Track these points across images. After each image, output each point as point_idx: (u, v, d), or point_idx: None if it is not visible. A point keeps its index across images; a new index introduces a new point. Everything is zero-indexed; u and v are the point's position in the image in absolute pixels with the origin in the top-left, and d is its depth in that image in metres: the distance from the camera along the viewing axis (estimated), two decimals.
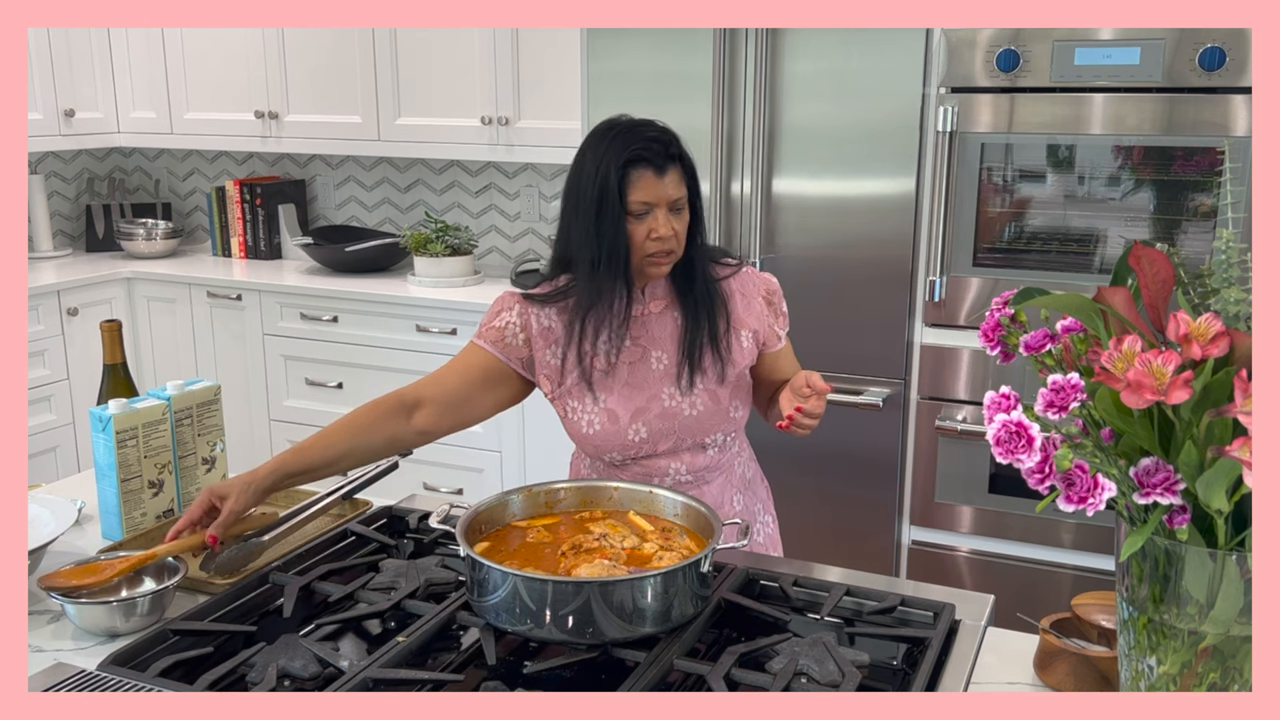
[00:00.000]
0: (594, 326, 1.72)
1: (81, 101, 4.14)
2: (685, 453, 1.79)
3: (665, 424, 1.75)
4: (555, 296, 1.77)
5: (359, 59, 3.80)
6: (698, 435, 1.77)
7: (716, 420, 1.77)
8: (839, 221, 2.78)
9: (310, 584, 1.48)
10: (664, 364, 1.77)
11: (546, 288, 1.79)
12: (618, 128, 1.70)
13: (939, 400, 2.78)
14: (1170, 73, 2.44)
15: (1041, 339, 1.10)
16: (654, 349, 1.77)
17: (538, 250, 4.03)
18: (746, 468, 1.91)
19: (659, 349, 1.77)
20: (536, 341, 1.77)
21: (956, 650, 1.34)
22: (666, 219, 1.68)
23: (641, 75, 2.92)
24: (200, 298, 3.97)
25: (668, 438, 1.76)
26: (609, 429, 1.75)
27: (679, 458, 1.79)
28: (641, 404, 1.75)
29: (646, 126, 1.70)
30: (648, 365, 1.77)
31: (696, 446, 1.79)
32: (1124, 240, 2.54)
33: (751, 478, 1.92)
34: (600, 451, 1.78)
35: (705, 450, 1.80)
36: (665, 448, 1.77)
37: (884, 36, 2.66)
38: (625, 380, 1.76)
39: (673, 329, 1.78)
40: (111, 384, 1.85)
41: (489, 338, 1.78)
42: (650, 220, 1.67)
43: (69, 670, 1.27)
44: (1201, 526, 0.99)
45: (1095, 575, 2.67)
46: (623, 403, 1.75)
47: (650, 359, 1.77)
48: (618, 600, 1.28)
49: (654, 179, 1.66)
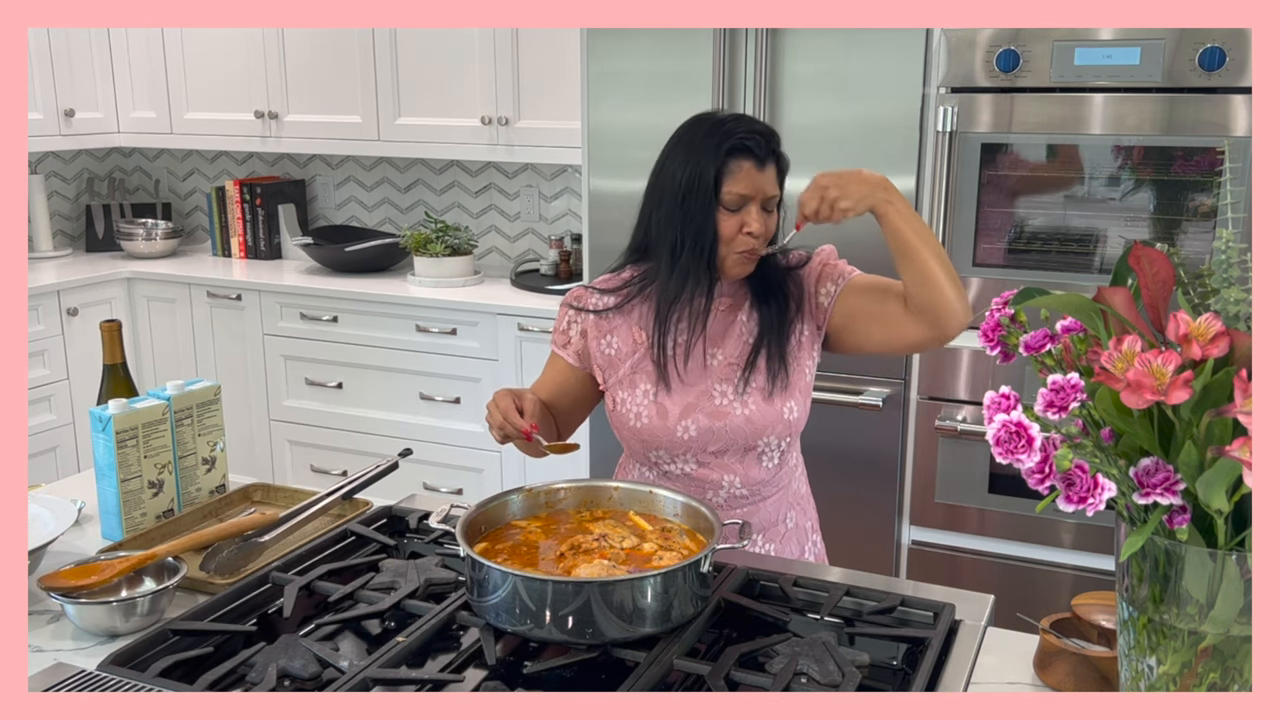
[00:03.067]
0: (671, 316, 1.70)
1: (81, 101, 4.14)
2: (738, 463, 1.74)
3: (715, 423, 1.71)
4: (618, 287, 1.77)
5: (359, 59, 3.80)
6: (749, 439, 1.72)
7: (769, 422, 1.71)
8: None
9: (310, 584, 1.48)
10: (718, 361, 1.74)
11: (609, 277, 1.80)
12: (719, 117, 1.68)
13: (939, 400, 2.78)
14: (1170, 73, 2.44)
15: (1041, 339, 1.10)
16: (712, 346, 1.74)
17: (538, 250, 4.03)
18: (801, 484, 1.86)
19: (716, 346, 1.74)
20: (590, 332, 1.78)
21: (956, 650, 1.34)
22: (760, 215, 1.66)
23: (641, 75, 2.91)
24: (200, 298, 3.97)
25: (717, 439, 1.72)
26: (657, 423, 1.72)
27: (732, 469, 1.74)
28: (692, 400, 1.72)
29: (751, 120, 1.69)
30: (703, 362, 1.74)
31: (749, 452, 1.73)
32: (1124, 240, 2.54)
33: (805, 495, 1.88)
34: (647, 447, 1.75)
35: (760, 460, 1.75)
36: (715, 449, 1.73)
37: (884, 36, 2.66)
38: (679, 376, 1.73)
39: (737, 329, 1.74)
40: (111, 384, 1.85)
41: (557, 342, 1.82)
42: (744, 214, 1.65)
43: (69, 670, 1.27)
44: (1201, 526, 0.99)
45: (1095, 575, 2.67)
46: (673, 397, 1.72)
47: (706, 356, 1.74)
48: (618, 600, 1.28)
49: (754, 171, 1.64)
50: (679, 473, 1.75)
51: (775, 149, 1.68)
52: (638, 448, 1.77)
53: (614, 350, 1.76)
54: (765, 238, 1.68)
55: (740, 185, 1.64)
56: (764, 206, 1.67)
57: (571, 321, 1.80)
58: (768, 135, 1.67)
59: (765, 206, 1.67)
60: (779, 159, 1.69)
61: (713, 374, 1.73)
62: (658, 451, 1.75)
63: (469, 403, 3.56)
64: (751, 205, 1.65)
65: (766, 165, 1.66)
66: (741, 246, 1.66)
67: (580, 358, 1.80)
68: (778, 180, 1.69)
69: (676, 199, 1.65)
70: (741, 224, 1.65)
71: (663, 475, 1.77)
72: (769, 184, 1.66)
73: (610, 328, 1.77)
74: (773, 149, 1.67)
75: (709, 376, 1.73)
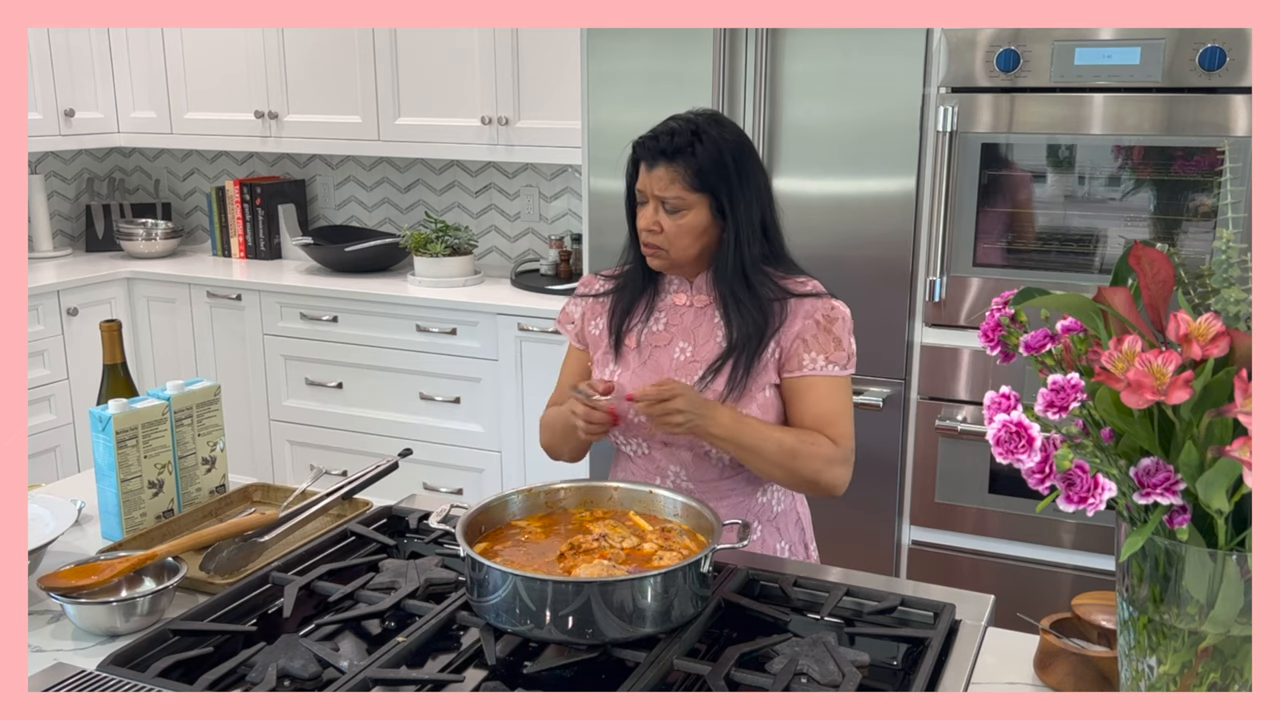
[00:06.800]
0: (629, 300, 1.83)
1: (81, 101, 4.14)
2: (684, 452, 1.77)
3: None
4: (616, 276, 1.88)
5: (359, 59, 3.80)
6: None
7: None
8: (839, 221, 2.78)
9: (310, 584, 1.48)
10: (685, 356, 1.78)
11: (616, 269, 1.89)
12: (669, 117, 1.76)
13: (939, 400, 2.77)
14: (1170, 73, 2.44)
15: (1041, 339, 1.10)
16: (681, 339, 1.79)
17: (538, 250, 4.03)
18: (776, 500, 1.83)
19: (686, 340, 1.79)
20: (587, 314, 1.89)
21: (956, 650, 1.34)
22: (653, 213, 1.72)
23: (641, 75, 2.91)
24: (200, 298, 3.97)
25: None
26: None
27: (678, 457, 1.78)
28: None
29: (677, 117, 1.74)
30: (669, 353, 1.79)
31: (695, 449, 1.76)
32: (1124, 240, 2.54)
33: (781, 512, 1.84)
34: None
35: (708, 458, 1.76)
36: (662, 438, 1.76)
37: (884, 36, 2.66)
38: (644, 360, 1.80)
39: (710, 329, 1.78)
40: (111, 384, 1.85)
41: (561, 320, 1.94)
42: (644, 209, 1.74)
43: (69, 670, 1.27)
44: (1201, 526, 0.99)
45: (1095, 575, 2.67)
46: (633, 380, 1.79)
47: (674, 348, 1.79)
48: (618, 600, 1.28)
49: (644, 171, 1.73)
50: (634, 453, 1.82)
51: (667, 150, 1.68)
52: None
53: (599, 331, 1.86)
54: (666, 237, 1.71)
55: (639, 183, 1.74)
56: (664, 205, 1.71)
57: (575, 301, 1.92)
58: (664, 136, 1.70)
59: (667, 206, 1.70)
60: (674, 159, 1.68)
61: (676, 367, 1.78)
62: (614, 430, 1.79)
63: (469, 403, 3.56)
64: (649, 202, 1.72)
65: (655, 166, 1.70)
66: (642, 239, 1.75)
67: (579, 338, 1.91)
68: (687, 182, 1.68)
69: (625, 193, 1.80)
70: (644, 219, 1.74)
71: (625, 456, 1.84)
72: (657, 184, 1.70)
73: (601, 310, 1.87)
74: (662, 150, 1.69)
75: (671, 368, 1.78)
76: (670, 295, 1.82)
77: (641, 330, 1.82)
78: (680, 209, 1.70)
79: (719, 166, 1.69)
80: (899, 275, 2.74)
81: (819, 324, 1.73)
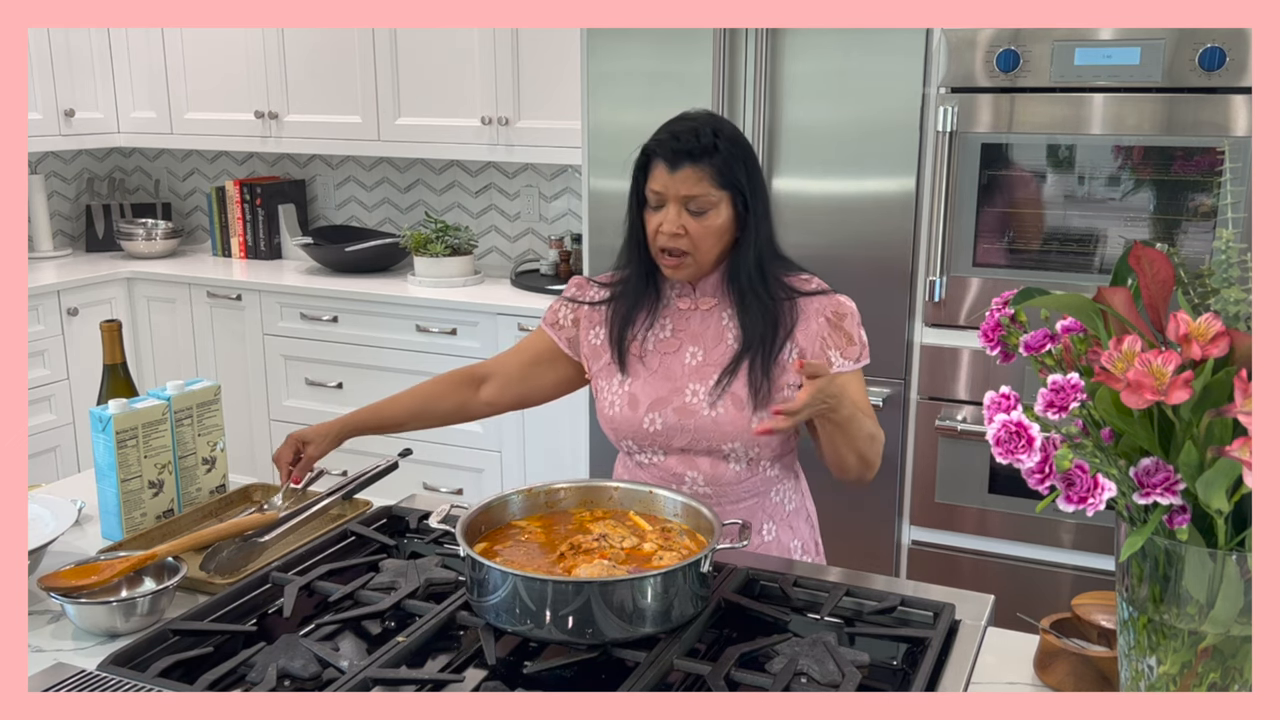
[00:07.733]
0: (628, 309, 1.78)
1: (81, 101, 4.14)
2: (703, 458, 1.74)
3: (681, 420, 1.72)
4: (613, 283, 1.83)
5: (359, 59, 3.80)
6: (715, 440, 1.72)
7: (737, 430, 1.71)
8: (839, 221, 2.78)
9: (310, 584, 1.48)
10: (697, 360, 1.75)
11: (611, 274, 1.86)
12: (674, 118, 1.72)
13: (939, 400, 2.77)
14: (1170, 73, 2.44)
15: (1041, 339, 1.10)
16: (691, 344, 1.77)
17: (537, 250, 4.03)
18: (787, 499, 1.83)
19: (696, 345, 1.76)
20: (583, 322, 1.84)
21: (956, 650, 1.34)
22: (676, 215, 1.67)
23: (641, 75, 2.91)
24: (200, 298, 3.97)
25: (682, 435, 1.73)
26: (627, 413, 1.76)
27: (695, 464, 1.74)
28: (663, 394, 1.74)
29: (687, 117, 1.70)
30: (680, 359, 1.76)
31: (715, 454, 1.74)
32: (1124, 240, 2.54)
33: (793, 511, 1.84)
34: (618, 435, 1.79)
35: (726, 462, 1.74)
36: (680, 445, 1.74)
37: (884, 36, 2.66)
38: (654, 369, 1.77)
39: (719, 332, 1.75)
40: (111, 384, 1.85)
41: (547, 320, 1.89)
42: (661, 214, 1.69)
43: (69, 670, 1.27)
44: (1201, 526, 0.99)
45: (1095, 575, 2.67)
46: (645, 389, 1.76)
47: (685, 353, 1.76)
48: (618, 600, 1.28)
49: (665, 172, 1.67)
50: (647, 462, 1.79)
51: (693, 150, 1.65)
52: (610, 435, 1.81)
53: (599, 341, 1.82)
54: (690, 239, 1.68)
55: (655, 184, 1.68)
56: (688, 207, 1.67)
57: (566, 305, 1.87)
58: (687, 136, 1.66)
59: (689, 207, 1.67)
60: (700, 159, 1.65)
61: (689, 372, 1.75)
62: (627, 441, 1.78)
63: None
64: (670, 205, 1.67)
65: (679, 167, 1.66)
66: (658, 244, 1.70)
67: (571, 345, 1.86)
68: (714, 181, 1.66)
69: (631, 196, 1.74)
70: (659, 223, 1.69)
71: (635, 464, 1.81)
72: (683, 185, 1.66)
73: (600, 319, 1.83)
74: (688, 150, 1.65)
75: (684, 374, 1.75)
76: (673, 300, 1.79)
77: (645, 339, 1.78)
78: (706, 209, 1.67)
79: (740, 163, 1.69)
80: (899, 275, 2.74)
81: (829, 321, 1.74)
